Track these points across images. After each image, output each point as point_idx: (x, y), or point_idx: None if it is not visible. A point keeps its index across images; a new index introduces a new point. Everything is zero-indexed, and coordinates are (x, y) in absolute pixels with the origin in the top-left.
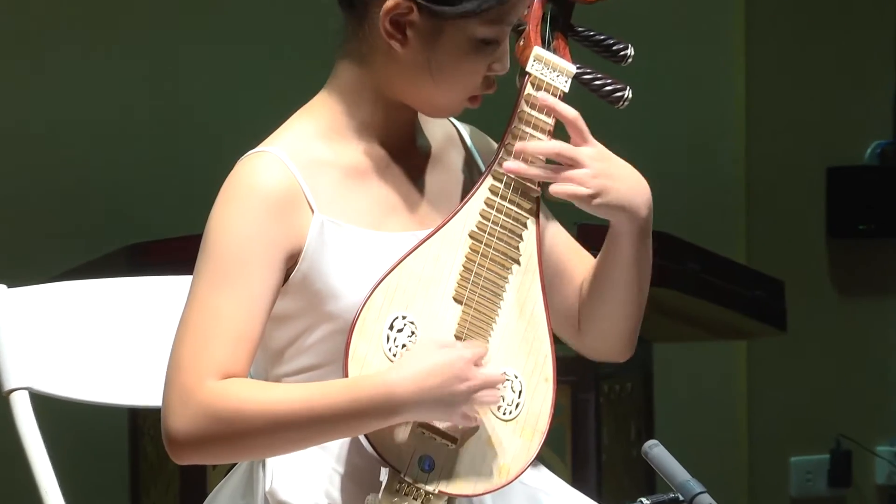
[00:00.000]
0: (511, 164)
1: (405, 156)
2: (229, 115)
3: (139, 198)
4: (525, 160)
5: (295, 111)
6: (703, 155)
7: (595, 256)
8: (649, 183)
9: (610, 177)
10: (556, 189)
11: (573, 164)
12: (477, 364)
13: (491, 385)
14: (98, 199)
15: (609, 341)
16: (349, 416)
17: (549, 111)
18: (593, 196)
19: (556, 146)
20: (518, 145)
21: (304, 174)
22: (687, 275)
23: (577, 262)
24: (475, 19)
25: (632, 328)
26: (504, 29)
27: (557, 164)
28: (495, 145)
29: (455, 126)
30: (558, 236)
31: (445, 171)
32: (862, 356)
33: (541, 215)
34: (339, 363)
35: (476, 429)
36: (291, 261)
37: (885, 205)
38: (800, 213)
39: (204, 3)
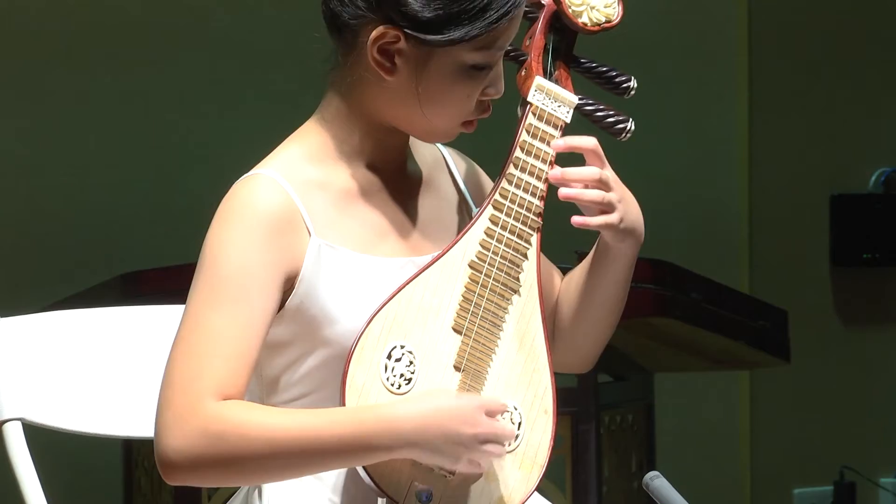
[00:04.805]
0: (569, 192)
1: (397, 180)
2: (223, 145)
3: (133, 227)
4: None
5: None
6: (706, 183)
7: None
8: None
9: (626, 202)
10: (597, 220)
11: (606, 189)
12: (489, 414)
13: (500, 438)
14: (92, 229)
15: (580, 355)
16: (351, 447)
17: (567, 149)
18: (620, 221)
19: (597, 173)
20: (559, 171)
21: (300, 196)
22: (689, 304)
23: (553, 279)
24: (464, 46)
25: (603, 344)
26: (494, 54)
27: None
28: (477, 167)
29: (438, 148)
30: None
31: (436, 196)
32: (866, 387)
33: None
34: (335, 389)
35: None
36: (288, 283)
37: (889, 233)
38: (803, 241)
39: (202, 31)
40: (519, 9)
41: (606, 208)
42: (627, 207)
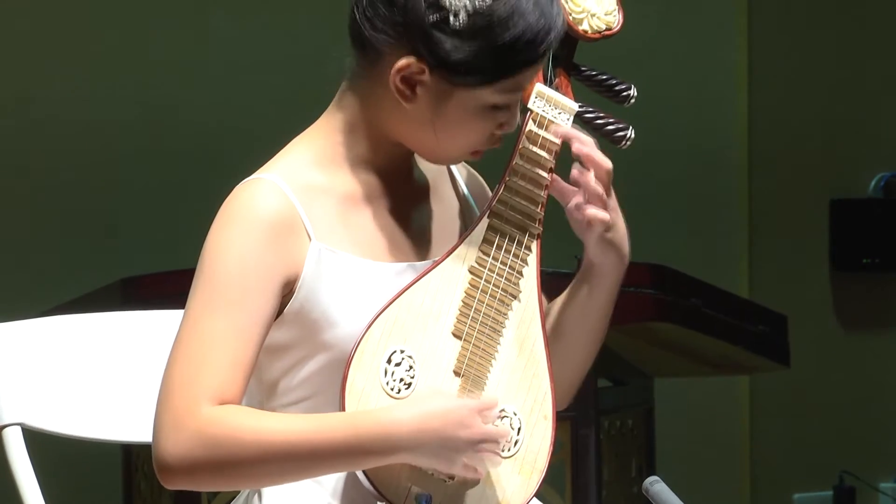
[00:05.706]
0: (578, 167)
1: (402, 186)
2: (224, 148)
3: (132, 231)
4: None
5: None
6: (706, 188)
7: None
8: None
9: (617, 214)
10: (593, 212)
11: (606, 190)
12: (483, 416)
13: (493, 439)
14: (91, 233)
15: (558, 386)
16: (346, 451)
17: (565, 137)
18: (609, 228)
19: (609, 164)
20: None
21: (301, 201)
22: (688, 309)
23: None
24: (488, 88)
25: (580, 376)
26: (516, 94)
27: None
28: (477, 175)
29: None
30: None
31: (440, 202)
32: (866, 391)
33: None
34: (334, 393)
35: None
36: (287, 288)
37: (889, 238)
38: (803, 246)
39: (202, 32)
40: (547, 55)
41: (599, 203)
42: (618, 221)
